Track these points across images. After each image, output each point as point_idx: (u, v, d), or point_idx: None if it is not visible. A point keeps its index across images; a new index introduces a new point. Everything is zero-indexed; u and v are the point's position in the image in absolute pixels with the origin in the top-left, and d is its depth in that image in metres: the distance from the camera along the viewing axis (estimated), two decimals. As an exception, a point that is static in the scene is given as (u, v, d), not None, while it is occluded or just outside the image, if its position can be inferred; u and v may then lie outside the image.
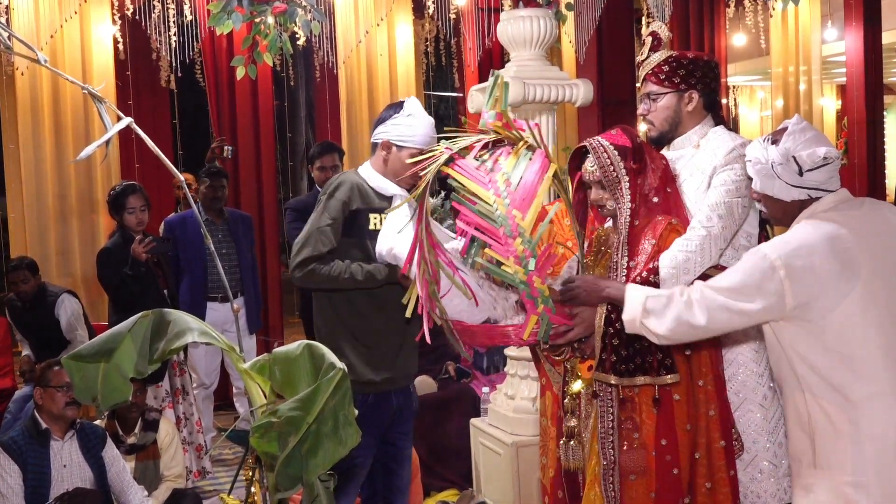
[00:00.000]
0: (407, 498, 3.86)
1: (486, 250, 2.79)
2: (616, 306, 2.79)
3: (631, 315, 2.63)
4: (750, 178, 2.66)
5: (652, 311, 2.57)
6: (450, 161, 2.85)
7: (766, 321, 2.51)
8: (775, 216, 2.62)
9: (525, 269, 2.72)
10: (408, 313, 2.93)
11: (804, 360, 2.46)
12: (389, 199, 3.55)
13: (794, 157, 2.47)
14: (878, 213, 2.55)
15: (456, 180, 2.84)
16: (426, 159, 2.88)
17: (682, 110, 3.21)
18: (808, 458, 2.51)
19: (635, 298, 2.63)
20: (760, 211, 2.95)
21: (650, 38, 3.27)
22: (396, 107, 3.55)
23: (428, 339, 2.85)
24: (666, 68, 3.19)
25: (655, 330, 2.57)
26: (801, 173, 2.47)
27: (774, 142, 2.53)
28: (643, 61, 3.28)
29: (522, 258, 2.72)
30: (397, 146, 3.50)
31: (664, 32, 3.26)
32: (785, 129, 2.57)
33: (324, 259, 3.43)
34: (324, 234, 3.44)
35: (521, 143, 2.81)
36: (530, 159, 2.80)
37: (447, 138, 2.91)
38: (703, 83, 3.19)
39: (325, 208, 3.50)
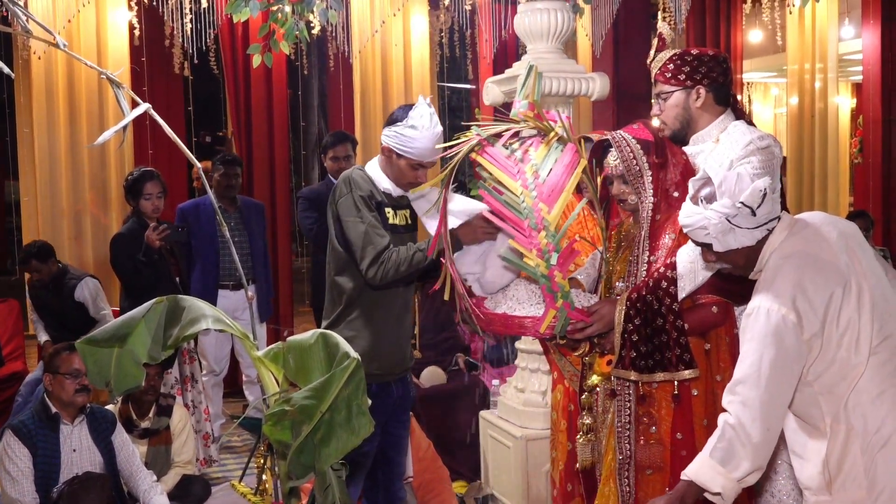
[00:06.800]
0: (402, 484, 3.88)
1: (510, 241, 2.79)
2: (634, 304, 2.80)
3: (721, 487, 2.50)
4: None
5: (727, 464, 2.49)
6: (479, 148, 2.85)
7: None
8: (741, 265, 2.58)
9: (547, 263, 2.71)
10: (446, 296, 2.97)
11: (822, 389, 2.44)
12: (395, 199, 3.56)
13: (742, 203, 2.47)
14: (823, 227, 2.56)
15: (484, 168, 2.84)
16: (456, 144, 2.88)
17: (692, 107, 3.21)
18: (819, 485, 2.50)
19: (707, 474, 2.51)
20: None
21: (656, 40, 3.29)
22: (405, 111, 3.47)
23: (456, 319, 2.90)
24: (671, 66, 3.20)
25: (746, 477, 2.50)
26: (753, 213, 2.48)
27: (709, 201, 2.50)
28: (651, 63, 3.30)
29: (545, 252, 2.71)
30: (397, 154, 3.47)
31: (667, 31, 3.27)
32: (702, 187, 2.53)
33: (388, 249, 3.39)
34: (376, 229, 3.41)
35: (552, 134, 2.80)
36: (561, 152, 2.80)
37: (463, 131, 2.92)
38: (709, 78, 3.19)
39: (357, 207, 3.45)
